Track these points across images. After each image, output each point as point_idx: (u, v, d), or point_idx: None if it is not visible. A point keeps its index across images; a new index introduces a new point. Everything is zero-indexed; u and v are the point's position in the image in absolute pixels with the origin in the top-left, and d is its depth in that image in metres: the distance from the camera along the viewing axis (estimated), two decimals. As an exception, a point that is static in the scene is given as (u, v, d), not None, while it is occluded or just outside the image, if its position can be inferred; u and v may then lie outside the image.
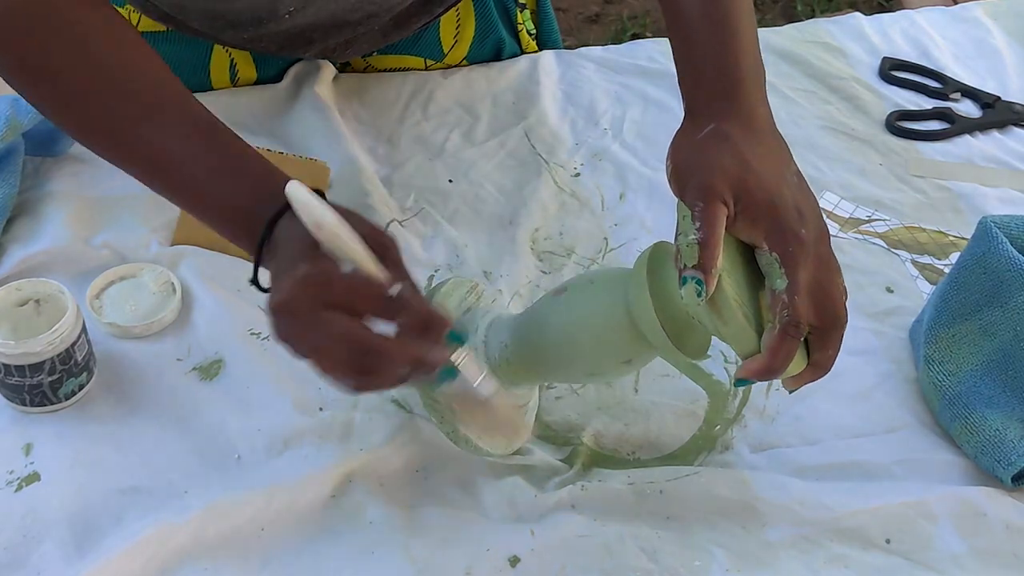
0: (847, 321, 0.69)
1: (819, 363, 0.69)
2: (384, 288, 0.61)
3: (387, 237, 0.65)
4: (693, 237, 0.65)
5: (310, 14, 0.94)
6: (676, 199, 0.69)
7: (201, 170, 0.70)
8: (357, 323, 0.60)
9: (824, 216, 0.72)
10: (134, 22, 1.00)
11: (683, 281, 0.64)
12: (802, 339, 0.67)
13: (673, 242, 0.67)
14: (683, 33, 0.76)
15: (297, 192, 0.62)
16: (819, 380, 0.83)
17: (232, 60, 1.05)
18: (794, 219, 0.68)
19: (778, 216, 0.67)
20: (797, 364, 0.68)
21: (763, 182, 0.68)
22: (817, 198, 0.99)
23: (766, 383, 0.84)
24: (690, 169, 0.68)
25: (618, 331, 0.70)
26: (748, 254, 0.70)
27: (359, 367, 0.60)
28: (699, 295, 0.64)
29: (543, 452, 0.78)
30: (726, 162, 0.68)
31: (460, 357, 0.66)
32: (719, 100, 0.72)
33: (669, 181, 0.70)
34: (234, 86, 1.07)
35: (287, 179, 0.65)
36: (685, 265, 0.64)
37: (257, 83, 1.08)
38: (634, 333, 0.69)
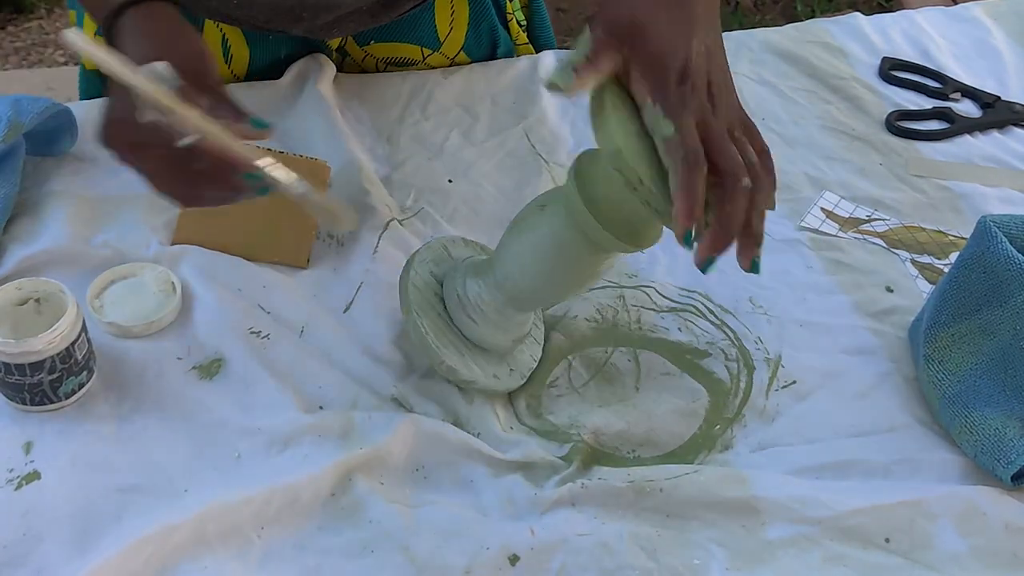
0: (745, 175, 0.67)
1: (721, 221, 0.67)
2: (173, 138, 0.66)
3: (206, 56, 0.72)
4: (583, 50, 0.68)
5: None
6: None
7: None
8: (163, 162, 0.69)
9: (825, 218, 0.72)
10: None
11: (559, 73, 0.67)
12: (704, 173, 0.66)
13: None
14: None
15: (74, 38, 0.61)
16: (822, 382, 0.84)
17: (224, 36, 1.05)
18: (679, 79, 0.68)
19: (663, 71, 0.68)
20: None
21: (659, 33, 0.69)
22: (817, 197, 1.01)
23: (767, 383, 0.84)
24: (605, 7, 0.70)
25: (572, 248, 0.74)
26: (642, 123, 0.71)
27: (179, 192, 0.71)
28: (568, 78, 0.67)
29: (543, 450, 0.78)
30: (637, 4, 0.69)
31: (266, 165, 0.70)
32: None
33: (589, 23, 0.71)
34: (228, 65, 1.07)
35: None
36: (574, 67, 0.67)
37: (251, 66, 1.08)
38: (587, 244, 0.74)
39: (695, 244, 0.67)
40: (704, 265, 0.67)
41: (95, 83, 1.11)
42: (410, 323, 0.79)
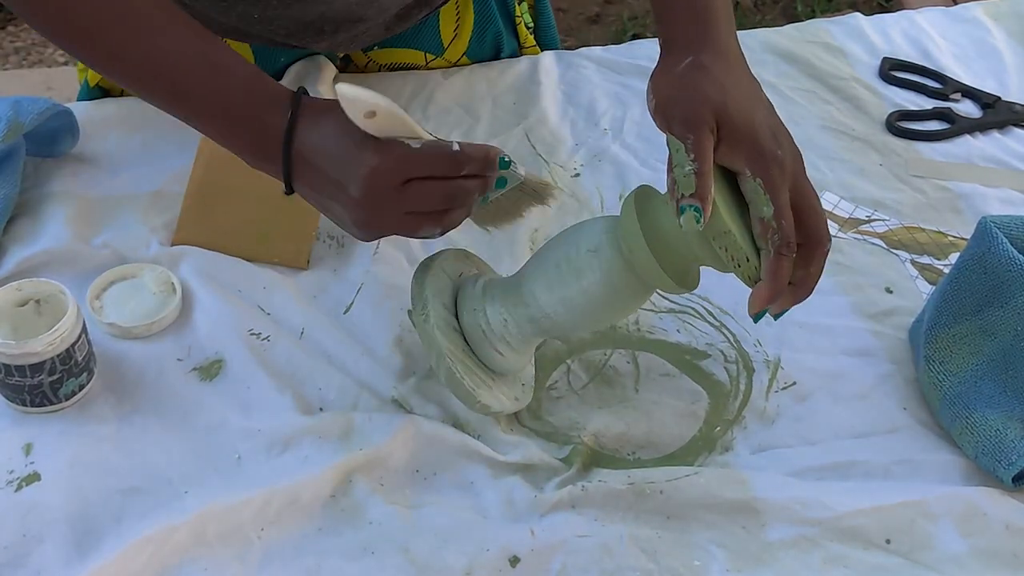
0: (830, 239, 0.72)
1: (802, 281, 0.72)
2: (450, 150, 0.70)
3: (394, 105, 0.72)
4: (689, 168, 0.68)
5: (321, 2, 0.94)
6: (665, 135, 0.71)
7: (206, 80, 0.74)
8: (436, 185, 0.70)
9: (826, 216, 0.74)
10: None
11: (681, 210, 0.67)
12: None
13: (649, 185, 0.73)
14: None
15: (348, 89, 0.67)
16: (821, 383, 0.84)
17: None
18: (771, 141, 0.71)
19: (757, 140, 0.71)
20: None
21: (741, 107, 0.71)
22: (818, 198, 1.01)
23: (766, 384, 0.84)
24: (674, 102, 0.71)
25: (626, 290, 0.74)
26: (731, 182, 0.73)
27: (441, 215, 0.71)
28: (698, 222, 0.67)
29: (543, 452, 0.78)
30: (708, 91, 0.71)
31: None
32: (694, 35, 0.75)
33: (653, 116, 0.72)
34: None
35: (277, 84, 0.74)
36: (683, 195, 0.68)
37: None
38: (642, 286, 0.74)
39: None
40: (757, 317, 0.72)
41: (95, 94, 1.11)
42: (442, 369, 0.76)
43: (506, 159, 0.73)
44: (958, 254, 0.86)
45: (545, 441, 0.80)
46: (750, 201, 0.71)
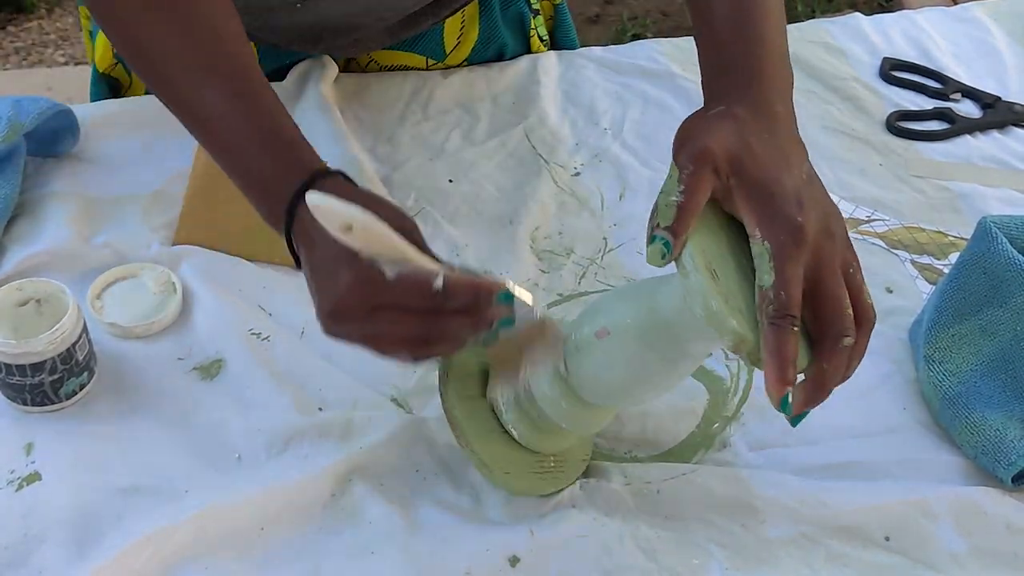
0: (854, 334, 0.63)
1: (816, 378, 0.62)
2: (429, 285, 0.63)
3: (409, 220, 0.67)
4: (674, 198, 0.62)
5: (322, 10, 0.94)
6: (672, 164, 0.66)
7: (238, 133, 0.72)
8: (409, 316, 0.64)
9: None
10: None
11: (652, 239, 0.62)
12: (799, 332, 0.61)
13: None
14: (710, 40, 0.74)
15: (317, 199, 0.62)
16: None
17: None
18: (791, 207, 0.63)
19: (773, 201, 0.63)
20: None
21: (761, 163, 0.64)
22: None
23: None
24: (688, 135, 0.65)
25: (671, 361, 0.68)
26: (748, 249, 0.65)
27: (417, 343, 0.65)
28: (663, 256, 0.61)
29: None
30: (727, 134, 0.65)
31: (513, 290, 0.66)
32: (736, 90, 0.69)
33: (673, 148, 0.66)
34: None
35: (315, 155, 0.70)
36: (658, 224, 0.62)
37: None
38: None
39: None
40: (795, 421, 0.64)
41: (105, 88, 1.11)
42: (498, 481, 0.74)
43: (509, 293, 0.65)
44: (958, 254, 0.87)
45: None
46: (756, 267, 0.63)
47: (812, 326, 0.63)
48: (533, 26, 1.14)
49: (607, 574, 0.71)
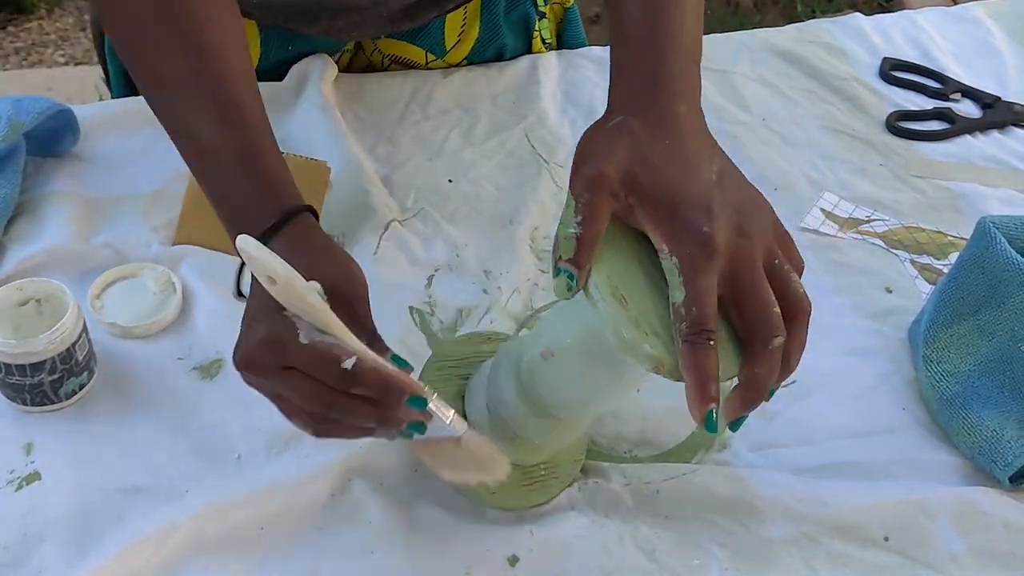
0: (783, 332, 0.61)
1: (748, 383, 0.60)
2: (338, 361, 0.61)
3: (359, 286, 0.67)
4: (572, 231, 0.60)
5: None
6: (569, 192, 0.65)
7: (219, 162, 0.71)
8: (315, 388, 0.61)
9: (824, 219, 0.69)
10: None
11: (557, 272, 0.60)
12: (713, 344, 0.59)
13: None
14: (619, 39, 0.72)
15: (247, 245, 0.60)
16: (821, 383, 0.84)
17: None
18: (697, 216, 0.60)
19: (677, 213, 0.61)
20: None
21: (661, 176, 0.62)
22: (817, 198, 1.01)
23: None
24: (583, 158, 0.63)
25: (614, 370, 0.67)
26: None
27: (318, 418, 0.63)
28: (569, 289, 0.60)
29: None
30: (620, 154, 0.62)
31: (430, 403, 0.63)
32: (633, 97, 0.67)
33: (570, 183, 0.64)
34: None
35: (294, 195, 0.68)
36: (560, 256, 0.60)
37: (259, 66, 1.08)
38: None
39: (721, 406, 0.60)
40: (734, 425, 0.62)
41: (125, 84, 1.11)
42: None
43: (421, 398, 0.62)
44: (957, 254, 0.87)
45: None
46: (668, 284, 0.61)
47: (740, 330, 0.61)
48: (537, 28, 1.14)
49: (607, 574, 0.71)
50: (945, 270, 0.93)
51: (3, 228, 0.91)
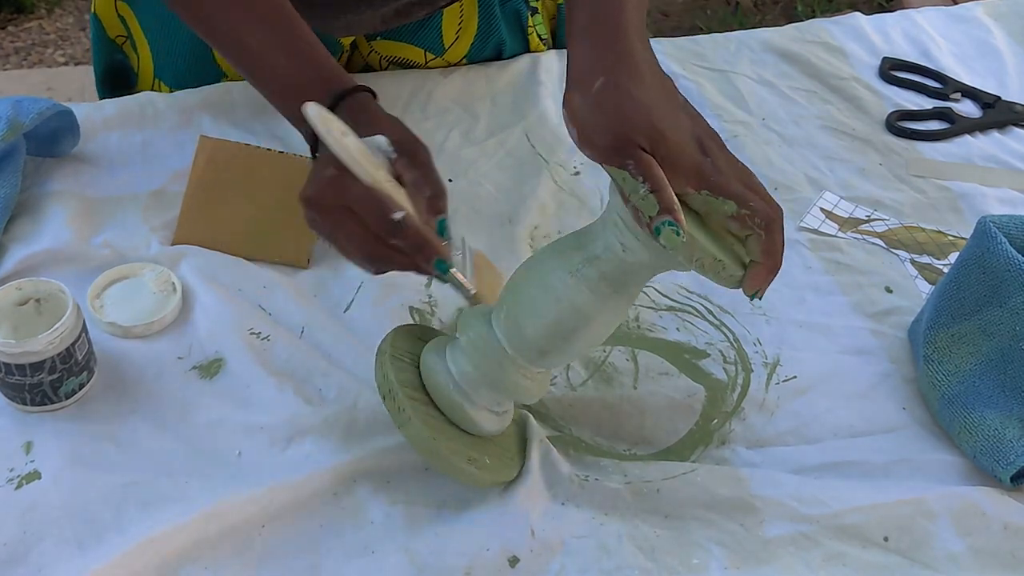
0: (780, 206, 0.70)
1: (770, 252, 0.69)
2: (390, 211, 0.71)
3: (421, 152, 0.76)
4: (644, 190, 0.66)
5: None
6: (605, 167, 0.69)
7: (279, 59, 0.83)
8: (364, 231, 0.72)
9: (824, 218, 0.71)
10: None
11: (656, 231, 0.65)
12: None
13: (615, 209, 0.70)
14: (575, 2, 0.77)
15: (314, 111, 0.71)
16: (821, 382, 0.84)
17: None
18: (700, 152, 0.69)
19: (691, 157, 0.69)
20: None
21: (669, 125, 0.69)
22: (817, 198, 1.01)
23: (766, 376, 0.84)
24: (598, 130, 0.68)
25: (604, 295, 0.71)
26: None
27: (371, 261, 0.74)
28: (678, 234, 0.65)
29: (538, 429, 0.78)
30: (630, 114, 0.68)
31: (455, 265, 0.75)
32: (603, 49, 0.72)
33: (579, 147, 0.69)
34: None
35: (349, 79, 0.81)
36: (651, 217, 0.66)
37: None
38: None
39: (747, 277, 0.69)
40: (759, 295, 0.70)
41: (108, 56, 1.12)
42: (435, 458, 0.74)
43: (445, 265, 0.74)
44: (957, 254, 0.87)
45: (539, 421, 0.80)
46: (706, 213, 0.69)
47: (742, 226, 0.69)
48: (531, 24, 1.14)
49: (606, 574, 0.71)
50: (945, 270, 0.93)
51: (3, 228, 0.91)
